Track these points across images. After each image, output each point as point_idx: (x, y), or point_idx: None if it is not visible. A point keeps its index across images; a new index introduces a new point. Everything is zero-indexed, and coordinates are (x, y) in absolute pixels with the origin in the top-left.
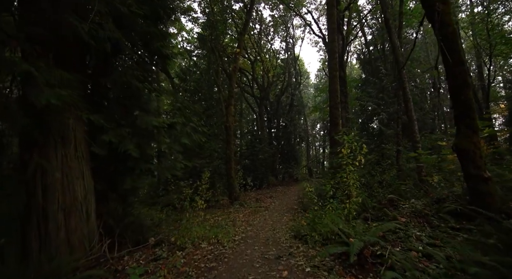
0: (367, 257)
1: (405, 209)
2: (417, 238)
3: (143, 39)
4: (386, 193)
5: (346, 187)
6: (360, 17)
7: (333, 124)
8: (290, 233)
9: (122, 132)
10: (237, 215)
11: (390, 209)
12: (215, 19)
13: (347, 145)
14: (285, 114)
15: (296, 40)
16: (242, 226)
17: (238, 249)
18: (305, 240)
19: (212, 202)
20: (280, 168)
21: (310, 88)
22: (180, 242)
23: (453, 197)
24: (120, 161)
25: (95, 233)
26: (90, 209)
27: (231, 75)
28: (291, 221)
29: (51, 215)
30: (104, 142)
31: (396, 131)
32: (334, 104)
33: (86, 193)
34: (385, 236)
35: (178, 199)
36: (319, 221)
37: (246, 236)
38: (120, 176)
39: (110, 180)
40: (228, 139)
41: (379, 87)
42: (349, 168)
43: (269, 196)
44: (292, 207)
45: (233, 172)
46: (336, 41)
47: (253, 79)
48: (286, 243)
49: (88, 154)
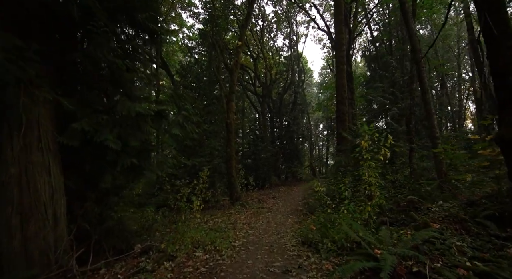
0: (402, 275)
1: (436, 213)
2: (459, 250)
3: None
4: (401, 194)
5: (367, 187)
6: (366, 11)
7: (340, 120)
8: (297, 238)
9: (98, 119)
10: (238, 216)
11: (412, 212)
12: (217, 14)
13: (366, 136)
14: (288, 113)
15: (300, 37)
16: (243, 230)
17: (238, 259)
18: (315, 248)
19: (212, 203)
20: (283, 168)
21: (313, 86)
22: (171, 249)
23: (488, 199)
24: (97, 154)
25: (64, 241)
26: (59, 212)
27: (232, 70)
28: (297, 224)
29: (3, 220)
30: (75, 131)
31: (409, 127)
32: (341, 99)
33: (54, 193)
34: (418, 247)
35: (174, 200)
36: (332, 225)
37: (248, 241)
38: (98, 172)
39: (87, 177)
40: (228, 137)
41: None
42: (370, 164)
43: (272, 197)
44: (296, 208)
45: (234, 171)
46: (343, 32)
47: (255, 76)
48: (293, 251)
49: (56, 146)
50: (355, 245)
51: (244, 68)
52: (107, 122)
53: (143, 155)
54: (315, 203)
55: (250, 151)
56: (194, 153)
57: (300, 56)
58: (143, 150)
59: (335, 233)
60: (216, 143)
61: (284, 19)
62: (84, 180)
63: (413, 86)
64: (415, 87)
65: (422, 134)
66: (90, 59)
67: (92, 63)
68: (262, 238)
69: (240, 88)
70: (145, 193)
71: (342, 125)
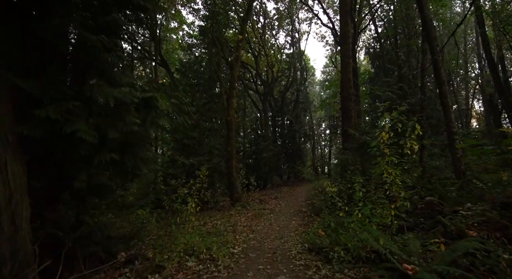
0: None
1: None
2: (508, 265)
3: None
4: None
5: (389, 187)
6: (371, 6)
7: (346, 117)
8: (303, 244)
9: (69, 106)
10: (238, 218)
11: (440, 217)
12: (217, 10)
13: (386, 127)
14: (290, 111)
15: (302, 34)
16: (244, 233)
17: (237, 270)
18: (325, 257)
19: (211, 204)
20: (285, 168)
21: (315, 85)
22: (159, 259)
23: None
24: (69, 148)
25: (27, 251)
26: (19, 217)
27: (232, 65)
28: (301, 227)
29: None
30: (39, 119)
31: (420, 123)
32: (346, 95)
33: (12, 194)
34: (457, 261)
35: (169, 201)
36: (344, 231)
37: (248, 246)
38: (72, 170)
39: (58, 176)
40: (229, 135)
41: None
42: (391, 160)
43: (274, 197)
44: (300, 209)
45: (235, 171)
46: (349, 24)
47: (256, 74)
48: (300, 259)
49: (15, 137)
50: (373, 255)
51: (245, 66)
52: (80, 110)
53: (126, 149)
54: (320, 204)
55: (252, 151)
56: (193, 152)
57: (302, 54)
58: (125, 144)
59: (348, 240)
60: (215, 142)
61: (286, 16)
62: (56, 179)
63: (424, 80)
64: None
65: (429, 133)
66: (57, 33)
67: (60, 39)
68: (264, 243)
69: (241, 86)
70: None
71: (348, 122)
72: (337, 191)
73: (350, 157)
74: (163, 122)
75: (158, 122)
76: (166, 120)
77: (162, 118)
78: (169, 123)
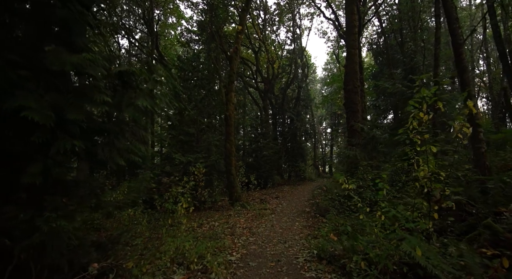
0: None
1: None
2: None
3: None
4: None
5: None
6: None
7: (351, 111)
8: (311, 250)
9: (11, 76)
10: (237, 219)
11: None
12: (215, 3)
13: (424, 105)
14: (291, 109)
15: (303, 30)
16: (243, 236)
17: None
18: (341, 268)
19: (208, 203)
20: (285, 166)
21: (316, 83)
22: (138, 271)
23: None
24: (16, 132)
25: None
26: None
27: (231, 58)
28: (306, 229)
29: None
30: None
31: (434, 117)
32: (352, 87)
33: None
34: None
35: (160, 200)
36: (364, 236)
37: (248, 252)
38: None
39: (9, 169)
40: (228, 130)
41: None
42: (430, 148)
43: (275, 197)
44: (303, 209)
45: (234, 169)
46: (355, 13)
47: (257, 70)
48: (309, 270)
49: None
50: (405, 268)
51: (245, 62)
52: (30, 82)
53: (93, 136)
54: (326, 204)
55: (252, 149)
56: (190, 149)
57: (303, 50)
58: (96, 130)
59: (369, 248)
60: (213, 138)
61: (287, 11)
62: (4, 174)
63: (438, 71)
64: (439, 72)
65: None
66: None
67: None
68: (265, 248)
69: (241, 84)
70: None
71: (354, 116)
72: (355, 188)
73: (358, 153)
74: (141, 102)
75: (137, 103)
76: (145, 100)
77: (142, 98)
78: (150, 103)
